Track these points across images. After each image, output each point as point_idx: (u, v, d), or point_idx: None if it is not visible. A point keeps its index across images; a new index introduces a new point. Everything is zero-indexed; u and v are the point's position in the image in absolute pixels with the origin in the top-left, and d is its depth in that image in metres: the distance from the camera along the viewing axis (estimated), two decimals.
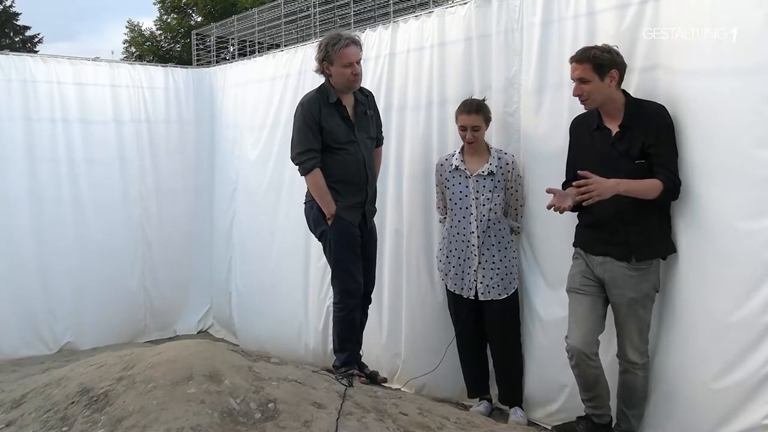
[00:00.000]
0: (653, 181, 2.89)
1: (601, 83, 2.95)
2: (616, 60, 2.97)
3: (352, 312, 3.73)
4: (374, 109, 3.90)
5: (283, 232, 5.58)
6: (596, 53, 2.94)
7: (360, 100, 3.76)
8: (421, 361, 4.11)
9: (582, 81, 2.97)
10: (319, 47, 3.68)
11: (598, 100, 3.01)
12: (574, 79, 3.02)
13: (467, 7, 4.01)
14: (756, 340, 2.67)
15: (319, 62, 3.66)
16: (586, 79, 2.96)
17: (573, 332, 3.06)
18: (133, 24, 22.56)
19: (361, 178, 3.71)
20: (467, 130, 3.66)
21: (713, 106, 2.80)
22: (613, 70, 2.94)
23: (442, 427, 2.88)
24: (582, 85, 2.98)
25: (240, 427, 2.40)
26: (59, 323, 6.04)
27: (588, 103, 3.03)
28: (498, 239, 3.71)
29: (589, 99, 3.00)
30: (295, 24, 6.96)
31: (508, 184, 3.73)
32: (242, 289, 6.30)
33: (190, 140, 6.81)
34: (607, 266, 3.04)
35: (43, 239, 5.94)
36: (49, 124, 6.01)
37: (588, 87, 2.97)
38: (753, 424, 2.68)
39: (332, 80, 3.65)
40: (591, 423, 3.16)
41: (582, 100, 3.03)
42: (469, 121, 3.66)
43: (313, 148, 3.61)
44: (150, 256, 6.60)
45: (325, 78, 3.70)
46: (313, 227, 3.80)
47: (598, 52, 2.94)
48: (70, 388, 2.75)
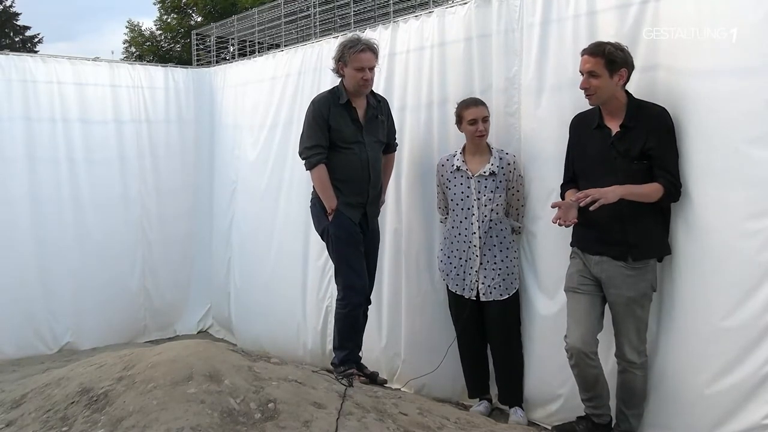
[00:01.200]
0: (654, 185, 2.90)
1: (610, 80, 2.94)
2: (628, 59, 2.97)
3: (355, 309, 3.75)
4: (387, 116, 3.97)
5: (282, 233, 5.58)
6: (611, 49, 2.94)
7: (372, 104, 3.84)
8: (422, 362, 4.11)
9: (592, 75, 2.96)
10: (338, 47, 3.80)
11: (603, 97, 3.00)
12: (583, 72, 3.00)
13: (467, 7, 4.01)
14: (755, 341, 2.67)
15: (335, 62, 3.77)
16: (596, 74, 2.95)
17: (572, 332, 3.06)
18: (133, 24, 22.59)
19: (364, 179, 3.75)
20: (478, 122, 3.66)
21: (713, 106, 2.80)
22: (623, 69, 2.95)
23: (442, 427, 2.88)
24: (591, 78, 2.97)
25: (240, 427, 2.40)
26: (59, 323, 6.03)
27: (593, 98, 3.02)
28: (500, 239, 3.71)
29: (595, 94, 3.00)
30: (295, 24, 6.96)
31: (509, 184, 3.72)
32: (241, 289, 6.29)
33: (189, 140, 6.80)
34: (604, 266, 3.04)
35: (44, 239, 5.93)
36: (49, 124, 5.99)
37: (596, 82, 2.96)
38: (752, 424, 2.68)
39: (344, 81, 3.75)
40: (591, 423, 3.16)
41: (588, 94, 3.02)
42: (478, 112, 3.66)
43: (320, 144, 3.70)
44: (150, 256, 6.59)
45: (340, 78, 3.79)
46: (316, 224, 3.88)
47: (612, 48, 2.94)
48: (70, 388, 2.75)
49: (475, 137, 3.69)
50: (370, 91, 3.85)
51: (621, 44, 2.99)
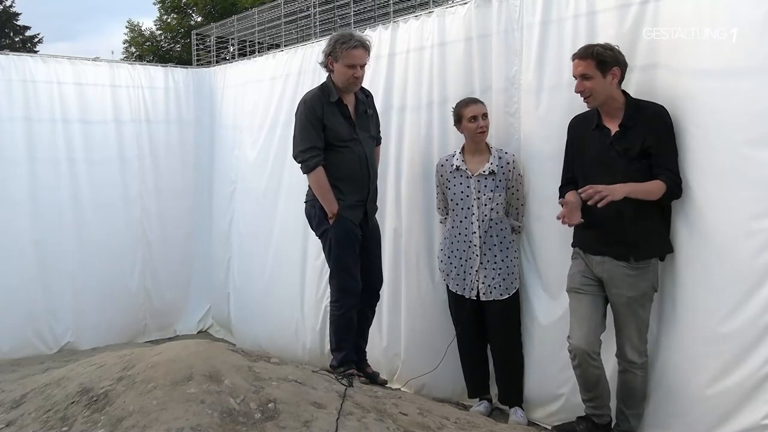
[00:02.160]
0: (656, 182, 2.90)
1: (603, 80, 2.96)
2: (618, 58, 2.98)
3: (349, 311, 3.73)
4: (373, 109, 3.91)
5: (281, 233, 5.58)
6: (599, 50, 2.96)
7: (361, 100, 3.77)
8: (422, 361, 4.11)
9: (584, 77, 2.98)
10: (329, 41, 3.68)
11: (600, 98, 3.01)
12: (576, 76, 3.03)
13: (467, 7, 4.01)
14: (755, 341, 2.67)
15: (325, 56, 3.67)
16: (588, 76, 2.97)
17: (575, 332, 3.06)
18: (133, 24, 22.59)
19: (363, 176, 3.71)
20: (478, 118, 3.66)
21: (713, 106, 2.80)
22: (615, 68, 2.96)
23: (442, 427, 2.87)
24: (584, 81, 2.99)
25: (240, 427, 2.40)
26: (59, 323, 6.04)
27: (590, 100, 3.04)
28: (500, 239, 3.71)
29: (591, 96, 3.01)
30: (295, 24, 6.96)
31: (509, 183, 3.72)
32: (240, 290, 6.30)
33: (189, 140, 6.81)
34: (605, 266, 3.04)
35: (44, 239, 5.94)
36: (49, 124, 6.00)
37: (590, 84, 2.98)
38: (752, 425, 2.68)
39: (333, 77, 3.65)
40: (591, 423, 3.16)
41: (584, 97, 3.04)
42: (477, 109, 3.67)
43: (316, 146, 3.59)
44: (150, 256, 6.60)
45: (327, 73, 3.70)
46: (314, 226, 3.79)
47: (600, 49, 2.97)
48: (70, 388, 2.75)
49: (476, 134, 3.68)
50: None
51: (609, 44, 3.01)
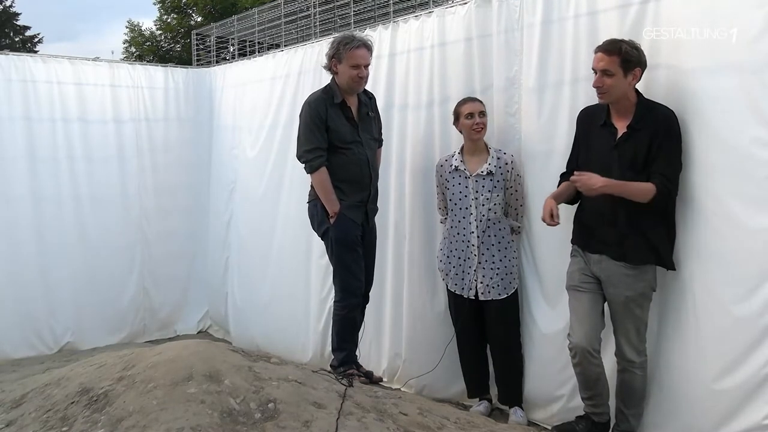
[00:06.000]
0: (646, 184, 2.86)
1: (624, 79, 2.88)
2: (642, 59, 2.90)
3: (353, 311, 3.74)
4: (376, 112, 3.94)
5: (283, 232, 5.57)
6: (627, 48, 2.86)
7: (363, 102, 3.80)
8: (422, 361, 4.12)
9: (606, 73, 2.89)
10: (331, 44, 3.71)
11: (616, 95, 2.94)
12: (596, 70, 2.93)
13: (467, 7, 4.01)
14: (756, 341, 2.67)
15: (328, 59, 3.70)
16: (610, 72, 2.87)
17: (575, 330, 3.05)
18: (133, 24, 22.55)
19: (365, 177, 3.73)
20: (474, 116, 3.66)
21: (714, 106, 2.80)
22: (637, 68, 2.89)
23: (442, 427, 2.87)
24: (605, 77, 2.89)
25: (240, 427, 2.40)
26: (59, 323, 6.05)
27: (605, 96, 2.95)
28: (498, 239, 3.71)
29: (607, 92, 2.93)
30: (295, 24, 6.95)
31: (507, 183, 3.72)
32: (240, 290, 6.28)
33: (189, 140, 6.81)
34: (603, 264, 3.04)
35: (44, 239, 5.95)
36: (49, 124, 6.01)
37: (610, 81, 2.89)
38: (753, 425, 2.68)
39: (337, 79, 3.68)
40: (590, 422, 3.16)
41: (601, 92, 2.95)
42: (474, 107, 3.68)
43: (320, 147, 3.63)
44: (149, 256, 6.60)
45: (331, 76, 3.72)
46: (316, 226, 3.82)
47: (628, 47, 2.87)
48: (70, 388, 2.75)
49: (473, 132, 3.68)
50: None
51: (635, 42, 2.92)
